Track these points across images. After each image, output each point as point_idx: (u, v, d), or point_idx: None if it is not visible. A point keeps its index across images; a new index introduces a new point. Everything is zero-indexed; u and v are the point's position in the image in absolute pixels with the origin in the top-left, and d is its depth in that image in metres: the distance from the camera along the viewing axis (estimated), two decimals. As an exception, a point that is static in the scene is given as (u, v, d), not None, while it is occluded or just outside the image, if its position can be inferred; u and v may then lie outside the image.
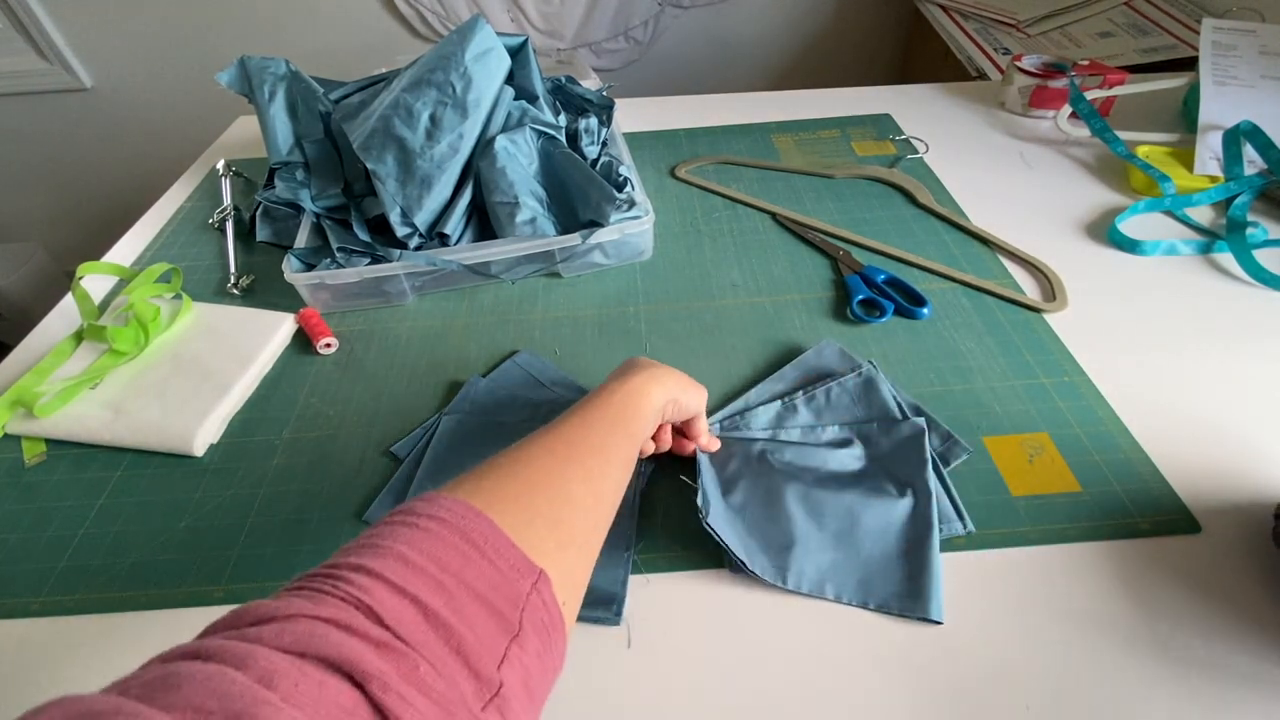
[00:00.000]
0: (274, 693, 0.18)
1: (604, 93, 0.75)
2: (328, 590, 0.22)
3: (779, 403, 0.51)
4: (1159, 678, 0.36)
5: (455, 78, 0.60)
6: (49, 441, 0.51)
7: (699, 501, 0.42)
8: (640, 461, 0.47)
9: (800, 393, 0.52)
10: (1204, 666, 0.37)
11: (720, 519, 0.42)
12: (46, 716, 0.16)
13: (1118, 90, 0.82)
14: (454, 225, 0.63)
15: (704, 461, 0.46)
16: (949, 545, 0.42)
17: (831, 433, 0.49)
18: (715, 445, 0.48)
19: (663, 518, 0.45)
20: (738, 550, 0.41)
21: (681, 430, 0.47)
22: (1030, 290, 0.61)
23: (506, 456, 0.32)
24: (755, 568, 0.41)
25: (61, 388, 0.53)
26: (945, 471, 0.46)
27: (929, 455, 0.46)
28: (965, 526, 0.43)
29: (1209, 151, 0.72)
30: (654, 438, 0.48)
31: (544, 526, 0.29)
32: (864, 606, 0.40)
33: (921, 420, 0.48)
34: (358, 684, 0.19)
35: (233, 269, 0.67)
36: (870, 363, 0.53)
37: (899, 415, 0.50)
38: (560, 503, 0.31)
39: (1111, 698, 0.36)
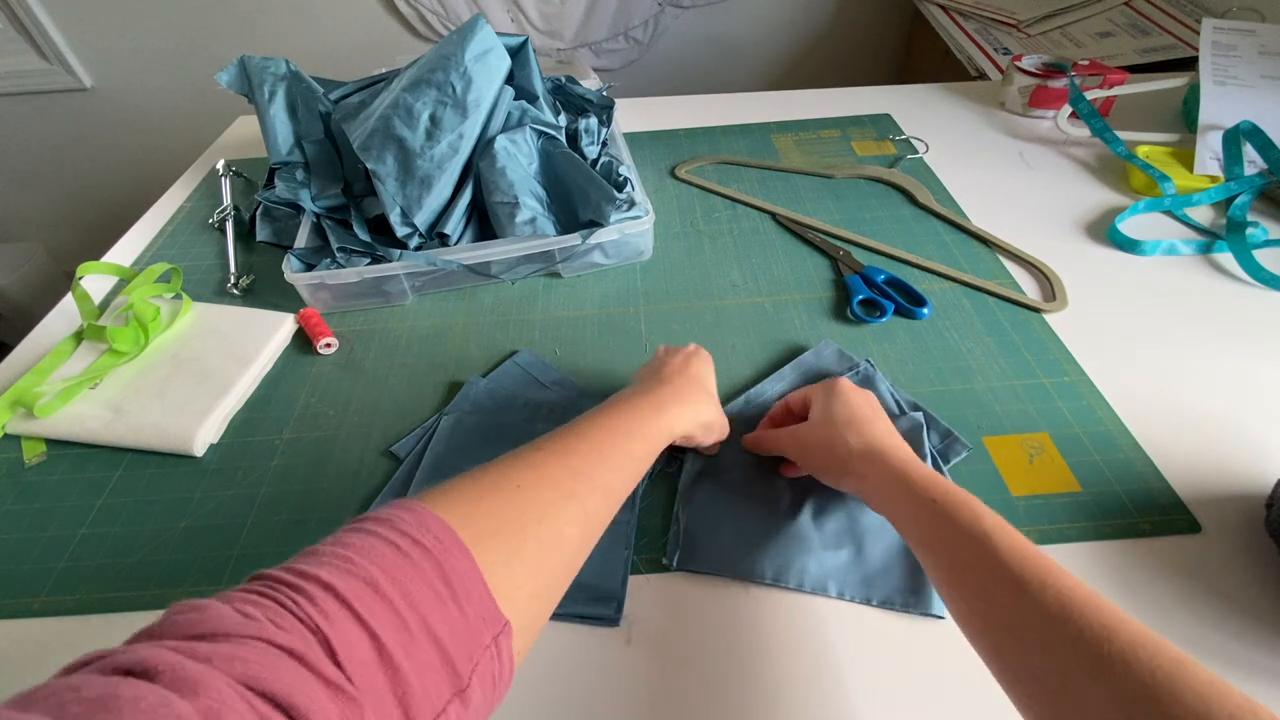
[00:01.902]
0: None
1: (604, 93, 0.75)
2: (289, 607, 0.22)
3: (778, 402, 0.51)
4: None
5: (455, 78, 0.60)
6: (49, 441, 0.51)
7: (666, 553, 0.42)
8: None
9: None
10: (1204, 665, 0.37)
11: (700, 552, 0.42)
12: None
13: (1118, 90, 0.82)
14: (454, 225, 0.63)
15: (690, 475, 0.46)
16: (949, 545, 0.42)
17: None
18: (717, 446, 0.48)
19: (663, 518, 0.45)
20: (725, 572, 0.41)
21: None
22: (1030, 290, 0.61)
23: (509, 477, 0.31)
24: (755, 575, 0.41)
25: (61, 388, 0.53)
26: (945, 469, 0.46)
27: (928, 450, 0.46)
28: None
29: (1209, 151, 0.72)
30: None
31: (524, 572, 0.28)
32: (867, 603, 0.40)
33: (919, 415, 0.48)
34: None
35: (233, 269, 0.67)
36: (867, 361, 0.53)
37: (897, 412, 0.50)
38: (550, 548, 0.29)
39: (1111, 698, 0.36)
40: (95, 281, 0.67)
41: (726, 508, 0.45)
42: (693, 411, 0.42)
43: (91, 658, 0.19)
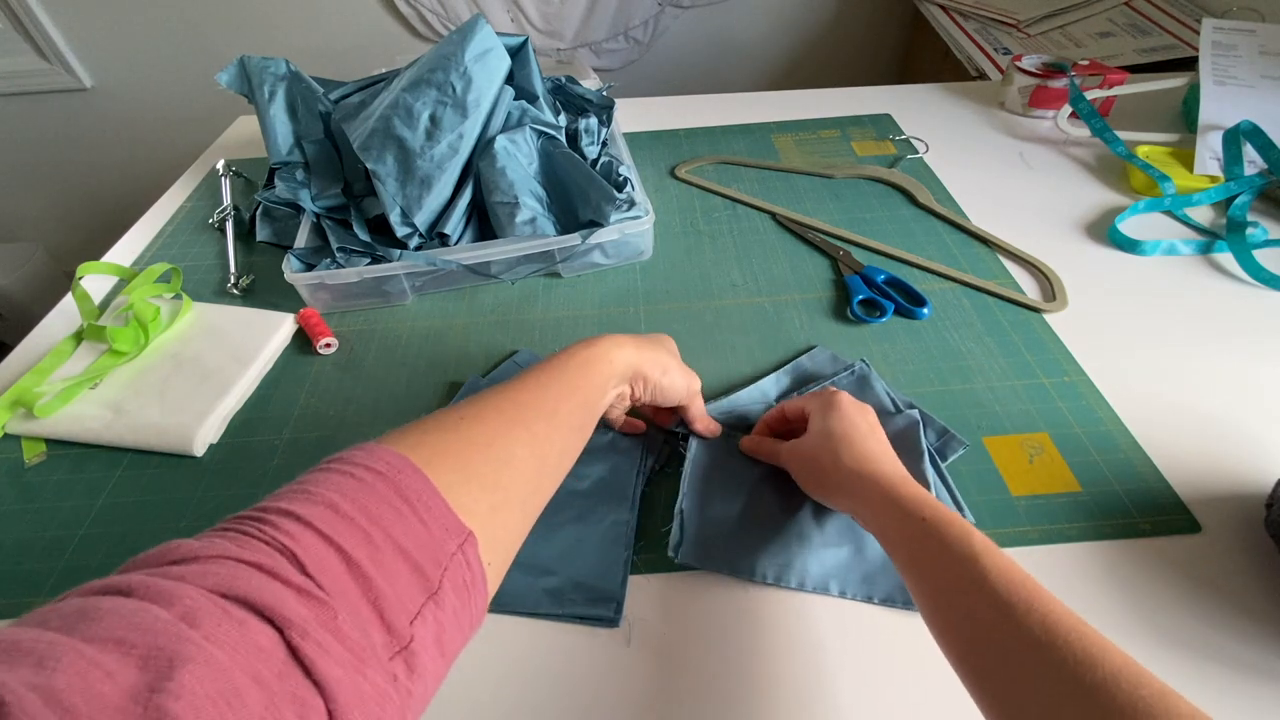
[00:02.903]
0: (196, 630, 0.18)
1: (604, 93, 0.75)
2: (254, 534, 0.22)
3: (775, 402, 0.51)
4: (1159, 676, 0.36)
5: (455, 78, 0.60)
6: (49, 441, 0.51)
7: (670, 544, 0.42)
8: (640, 461, 0.47)
9: (795, 394, 0.52)
10: (1204, 665, 0.37)
11: (704, 543, 0.42)
12: None
13: (1118, 90, 0.82)
14: (454, 225, 0.63)
15: (693, 466, 0.46)
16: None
17: None
18: (716, 429, 0.48)
19: (663, 518, 0.45)
20: (726, 569, 0.41)
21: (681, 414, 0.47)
22: (1030, 290, 0.61)
23: (454, 413, 0.32)
24: (756, 575, 0.41)
25: (61, 388, 0.53)
26: (944, 466, 0.46)
27: (924, 447, 0.46)
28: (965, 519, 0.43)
29: (1209, 151, 0.72)
30: (656, 420, 0.49)
31: (479, 488, 0.29)
32: (868, 601, 0.40)
33: (915, 411, 0.48)
34: (277, 628, 0.20)
35: (233, 269, 0.67)
36: (863, 360, 0.53)
37: (893, 410, 0.50)
38: (500, 464, 0.31)
39: (1111, 698, 0.36)
40: (95, 281, 0.67)
41: (728, 504, 0.45)
42: (638, 351, 0.42)
43: (70, 591, 0.20)
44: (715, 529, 0.43)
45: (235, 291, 0.65)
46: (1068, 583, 0.40)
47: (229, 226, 0.71)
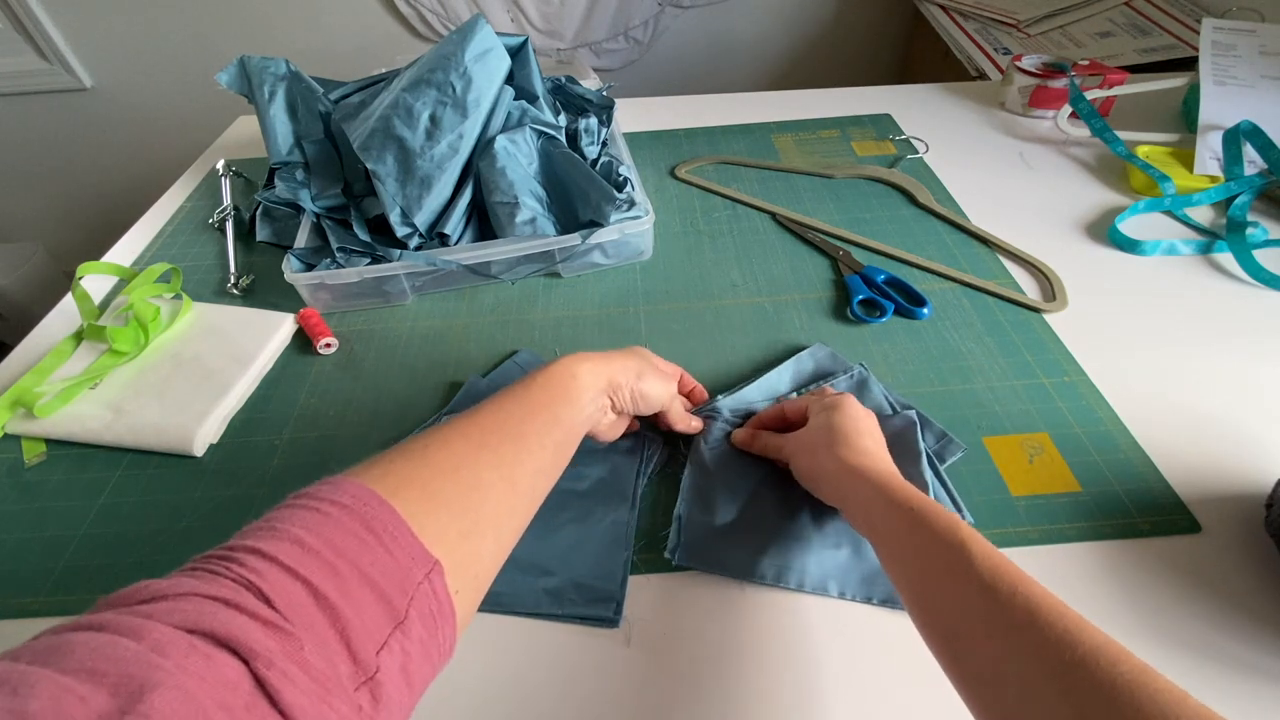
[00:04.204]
0: (166, 660, 0.19)
1: (604, 93, 0.75)
2: (220, 571, 0.23)
3: (774, 403, 0.51)
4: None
5: (455, 78, 0.60)
6: (49, 441, 0.51)
7: (668, 546, 0.42)
8: (640, 462, 0.47)
9: (794, 395, 0.52)
10: (1204, 665, 0.37)
11: (702, 544, 0.42)
12: None
13: (1118, 90, 0.82)
14: (454, 225, 0.63)
15: (693, 468, 0.46)
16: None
17: None
18: (697, 425, 0.48)
19: (663, 518, 0.45)
20: (725, 571, 0.41)
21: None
22: (1030, 290, 0.61)
23: (419, 441, 0.32)
24: (754, 576, 0.41)
25: (61, 388, 0.53)
26: (942, 469, 0.46)
27: (922, 449, 0.46)
28: (964, 519, 0.43)
29: (1209, 151, 0.72)
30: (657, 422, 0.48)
31: (447, 515, 0.29)
32: (867, 602, 0.40)
33: (912, 413, 0.48)
34: (243, 659, 0.20)
35: (233, 269, 0.67)
36: (861, 365, 0.53)
37: (890, 413, 0.50)
38: (468, 489, 0.31)
39: (1111, 698, 0.36)
40: (95, 281, 0.67)
41: (727, 506, 0.44)
42: (606, 362, 0.42)
43: (42, 632, 0.21)
44: (713, 531, 0.43)
45: (235, 291, 0.65)
46: (1068, 583, 0.40)
47: (229, 226, 0.71)
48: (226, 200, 0.75)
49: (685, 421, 0.47)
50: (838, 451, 0.39)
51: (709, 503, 0.45)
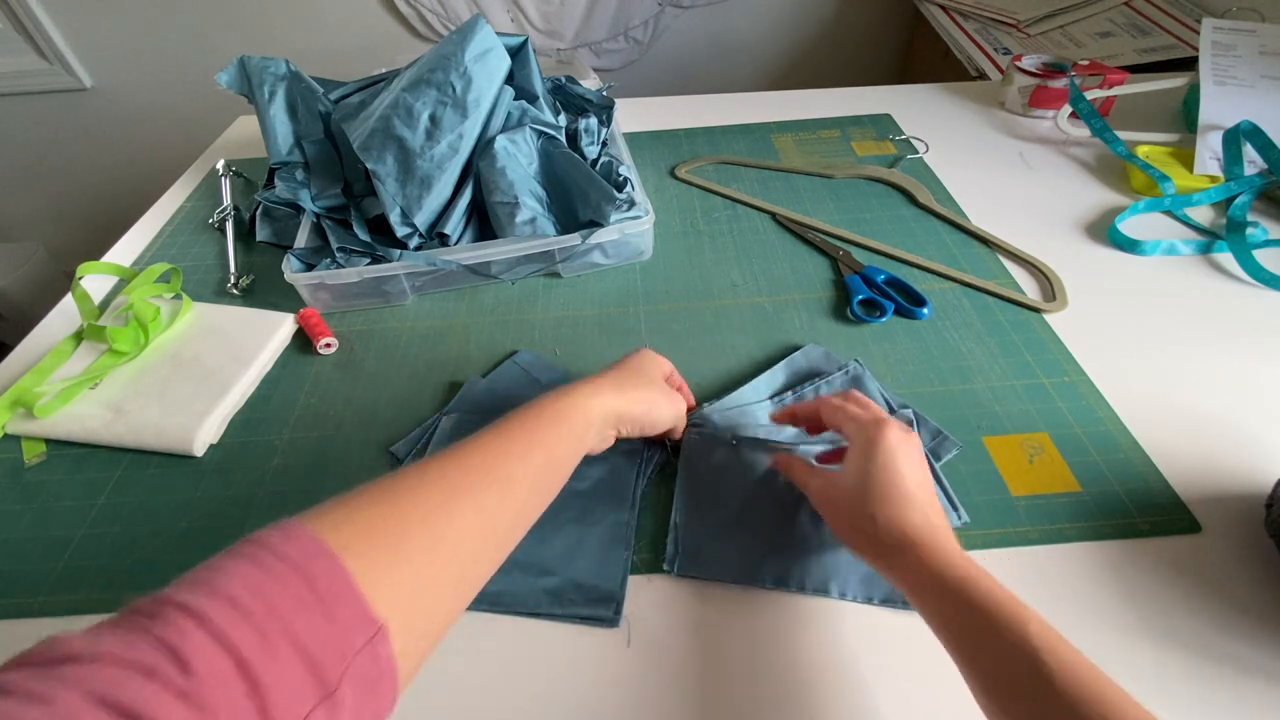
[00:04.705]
0: None
1: (604, 93, 0.75)
2: (144, 629, 0.22)
3: (769, 403, 0.51)
4: (1159, 676, 0.36)
5: (455, 78, 0.60)
6: (49, 441, 0.51)
7: (665, 558, 0.42)
8: (640, 462, 0.47)
9: (790, 393, 0.52)
10: (1204, 665, 0.37)
11: (700, 553, 0.42)
12: None
13: (1118, 90, 0.82)
14: (454, 225, 0.63)
15: (685, 475, 0.46)
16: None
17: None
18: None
19: (663, 518, 0.45)
20: (725, 578, 0.41)
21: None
22: (1030, 290, 0.61)
23: (394, 481, 0.30)
24: (755, 581, 0.41)
25: (61, 388, 0.53)
26: (939, 466, 0.46)
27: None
28: (960, 518, 0.44)
29: (1209, 151, 0.72)
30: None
31: (407, 569, 0.27)
32: (868, 602, 0.40)
33: (909, 412, 0.48)
34: None
35: (233, 269, 0.67)
36: (856, 360, 0.53)
37: (886, 411, 0.50)
38: (435, 541, 0.29)
39: (1111, 698, 0.36)
40: (95, 281, 0.67)
41: (723, 511, 0.44)
42: (620, 394, 0.40)
43: None
44: (711, 538, 0.43)
45: (235, 291, 0.65)
46: (1068, 583, 0.41)
47: (229, 226, 0.71)
48: (226, 200, 0.75)
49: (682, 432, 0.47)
50: (879, 519, 0.35)
51: (704, 510, 0.44)
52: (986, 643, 0.30)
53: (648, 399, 0.42)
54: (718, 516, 0.44)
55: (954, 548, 0.34)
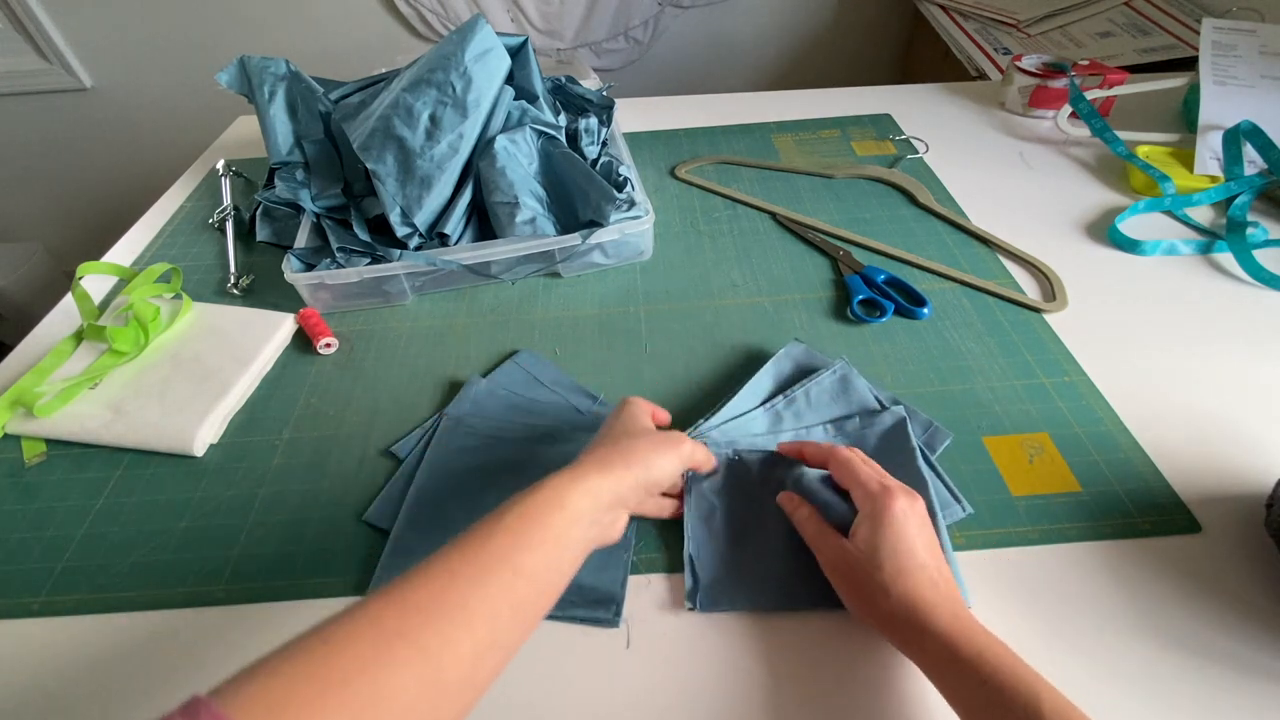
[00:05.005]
0: None
1: (604, 93, 0.75)
2: None
3: (762, 411, 0.50)
4: (1159, 676, 0.36)
5: (455, 78, 0.60)
6: (49, 441, 0.51)
7: (686, 593, 0.41)
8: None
9: (781, 398, 0.51)
10: (1204, 665, 0.37)
11: (719, 584, 0.41)
12: None
13: (1118, 90, 0.82)
14: (454, 225, 0.63)
15: (696, 504, 0.44)
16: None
17: (818, 434, 0.49)
18: (711, 463, 0.44)
19: (663, 518, 0.45)
20: (752, 607, 0.40)
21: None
22: (1030, 290, 0.61)
23: (325, 632, 0.26)
24: (769, 605, 0.40)
25: (61, 388, 0.53)
26: (933, 458, 0.46)
27: (915, 443, 0.46)
28: (964, 509, 0.43)
29: (1209, 151, 0.72)
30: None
31: None
32: None
33: (900, 408, 0.48)
34: None
35: (233, 269, 0.67)
36: (843, 359, 0.53)
37: (878, 409, 0.49)
38: (364, 705, 0.25)
39: (1111, 695, 0.36)
40: (95, 281, 0.67)
41: (740, 540, 0.43)
42: (606, 475, 0.36)
43: None
44: (730, 569, 0.42)
45: (235, 291, 0.65)
46: (1068, 583, 0.40)
47: (229, 226, 0.71)
48: (226, 200, 0.75)
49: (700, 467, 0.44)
50: (892, 593, 0.34)
51: (719, 540, 0.43)
52: (999, 716, 0.29)
53: (647, 461, 0.38)
54: (734, 548, 0.43)
55: (966, 618, 0.33)
